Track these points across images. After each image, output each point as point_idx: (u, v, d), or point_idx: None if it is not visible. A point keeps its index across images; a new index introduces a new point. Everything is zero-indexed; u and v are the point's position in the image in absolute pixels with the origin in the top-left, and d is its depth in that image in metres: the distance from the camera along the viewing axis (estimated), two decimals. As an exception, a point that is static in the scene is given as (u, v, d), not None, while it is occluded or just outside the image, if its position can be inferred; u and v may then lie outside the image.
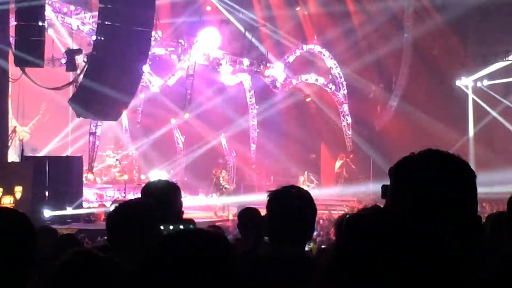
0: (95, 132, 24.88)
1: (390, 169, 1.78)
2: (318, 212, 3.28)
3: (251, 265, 2.95)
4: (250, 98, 29.83)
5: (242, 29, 27.95)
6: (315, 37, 29.95)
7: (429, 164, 1.68)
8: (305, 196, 3.21)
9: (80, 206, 19.39)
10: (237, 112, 29.24)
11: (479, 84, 28.70)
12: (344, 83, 29.93)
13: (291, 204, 3.07)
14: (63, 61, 22.08)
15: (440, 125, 26.67)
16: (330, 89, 30.01)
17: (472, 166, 1.77)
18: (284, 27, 29.70)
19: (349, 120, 30.25)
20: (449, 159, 1.70)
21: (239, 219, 6.01)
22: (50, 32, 22.93)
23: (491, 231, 4.76)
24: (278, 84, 28.92)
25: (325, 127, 30.82)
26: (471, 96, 28.91)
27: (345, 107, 30.22)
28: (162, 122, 28.62)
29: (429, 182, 1.65)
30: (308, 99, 30.10)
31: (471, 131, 28.90)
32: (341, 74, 29.83)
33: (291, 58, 29.26)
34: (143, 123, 29.41)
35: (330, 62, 29.69)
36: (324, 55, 29.62)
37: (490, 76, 28.35)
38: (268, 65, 28.46)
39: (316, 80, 29.84)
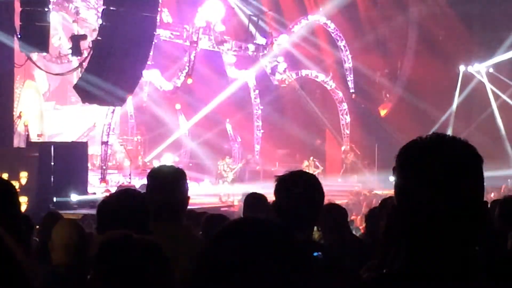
0: (107, 141, 23.04)
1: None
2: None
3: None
4: (255, 98, 29.47)
5: (245, 20, 27.77)
6: (320, 9, 29.50)
7: (435, 148, 1.68)
8: (313, 181, 3.21)
9: (85, 191, 19.41)
10: (243, 98, 29.15)
11: (483, 70, 28.61)
12: (350, 56, 29.57)
13: (300, 189, 3.07)
14: (70, 54, 21.88)
15: (445, 111, 26.65)
16: (330, 86, 29.70)
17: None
18: (288, 11, 29.54)
19: (348, 119, 29.83)
20: (455, 143, 1.70)
21: (245, 205, 5.98)
22: (55, 20, 22.84)
23: (500, 216, 4.77)
24: (278, 76, 28.58)
25: (330, 114, 30.68)
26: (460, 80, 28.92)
27: (345, 106, 29.80)
28: (167, 107, 28.61)
29: (435, 167, 1.65)
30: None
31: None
32: (347, 48, 29.46)
33: (296, 28, 28.66)
34: (148, 108, 29.38)
35: (335, 35, 29.40)
36: (329, 27, 29.24)
37: (495, 63, 28.26)
38: (274, 40, 28.01)
39: (316, 76, 29.49)
